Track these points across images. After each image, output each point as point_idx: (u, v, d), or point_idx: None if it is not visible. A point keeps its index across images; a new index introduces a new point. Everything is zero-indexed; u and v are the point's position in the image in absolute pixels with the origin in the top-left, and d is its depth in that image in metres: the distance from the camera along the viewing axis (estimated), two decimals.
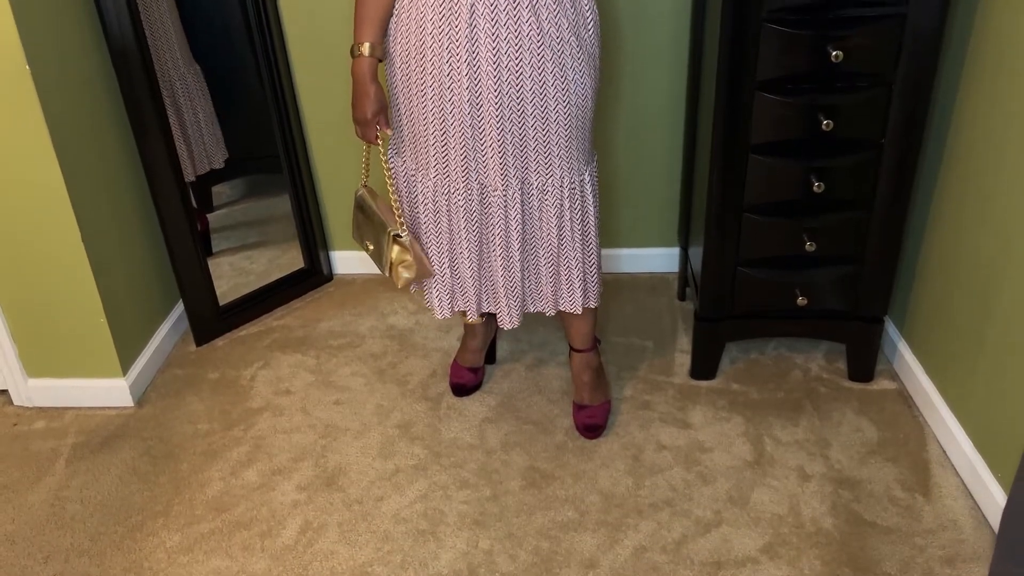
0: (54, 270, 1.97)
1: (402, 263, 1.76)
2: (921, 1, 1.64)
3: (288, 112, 2.36)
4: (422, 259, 1.78)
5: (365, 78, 1.67)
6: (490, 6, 1.55)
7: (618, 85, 2.33)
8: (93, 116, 1.99)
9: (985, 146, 1.70)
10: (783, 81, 1.75)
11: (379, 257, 1.82)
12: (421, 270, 1.78)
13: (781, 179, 1.85)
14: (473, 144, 1.66)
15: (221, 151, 2.40)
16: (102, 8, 1.93)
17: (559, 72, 1.62)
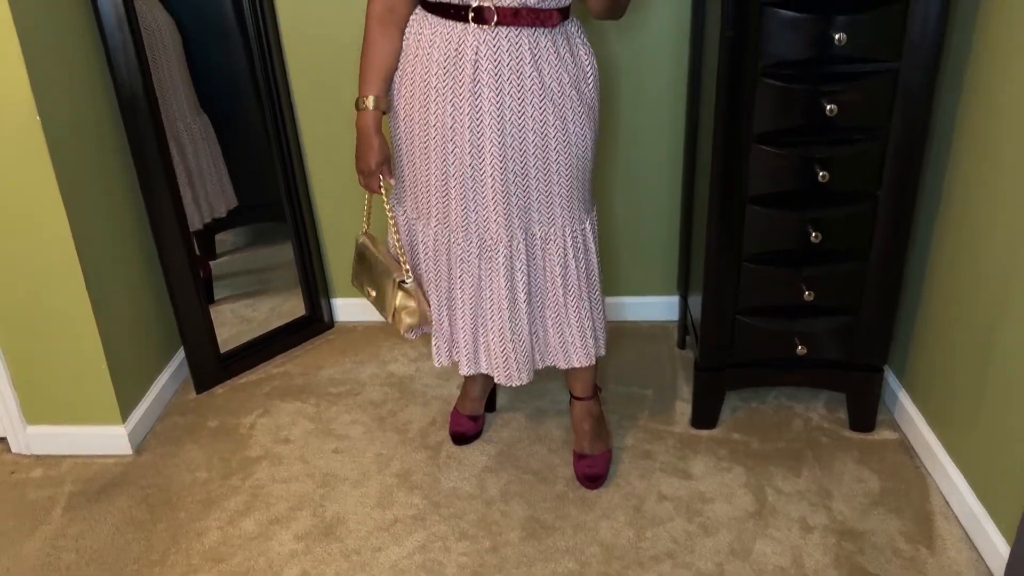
0: (57, 317, 1.98)
1: (405, 309, 1.77)
2: (912, 58, 1.68)
3: (292, 161, 2.39)
4: (424, 306, 1.79)
5: (369, 130, 1.71)
6: (493, 62, 1.59)
7: (617, 136, 2.37)
8: (100, 165, 2.02)
9: (979, 199, 1.72)
10: (779, 134, 1.78)
11: (382, 303, 1.83)
12: (423, 316, 1.80)
13: (779, 229, 1.87)
14: (473, 196, 1.68)
15: (227, 200, 2.43)
16: (112, 59, 1.98)
17: (561, 125, 1.65)
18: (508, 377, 1.81)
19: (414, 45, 1.66)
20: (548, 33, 1.60)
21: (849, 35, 1.65)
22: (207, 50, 2.30)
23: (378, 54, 1.68)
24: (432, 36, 1.62)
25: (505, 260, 1.72)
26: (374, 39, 1.68)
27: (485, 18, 1.56)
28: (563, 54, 1.63)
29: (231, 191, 2.44)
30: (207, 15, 2.28)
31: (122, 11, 1.95)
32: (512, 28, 1.57)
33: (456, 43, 1.59)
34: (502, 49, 1.58)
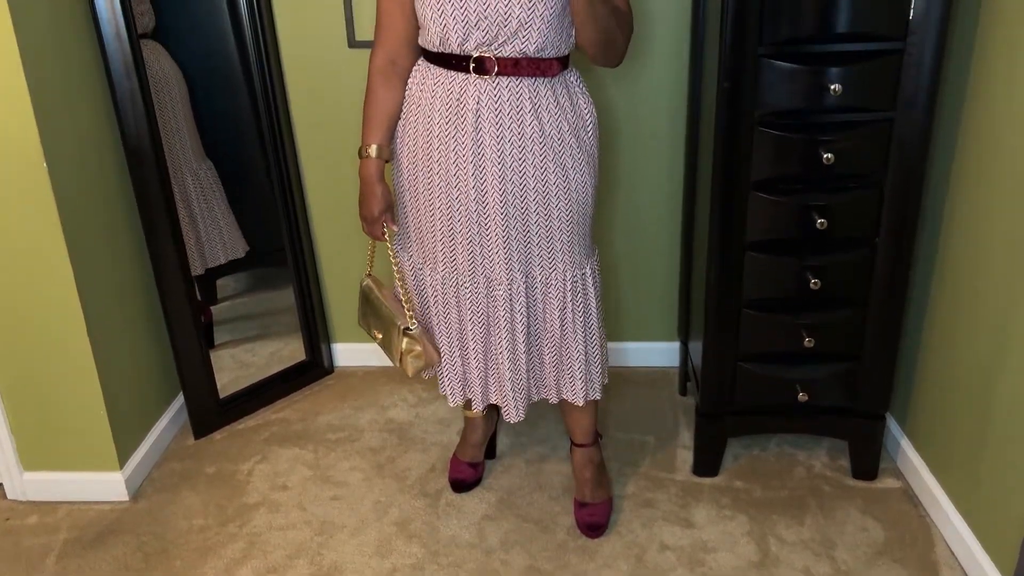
0: (58, 362, 1.98)
1: (411, 353, 1.78)
2: (907, 107, 1.71)
3: (295, 206, 2.41)
4: (430, 350, 1.81)
5: (372, 178, 1.74)
6: (494, 111, 1.61)
7: (617, 182, 2.40)
8: (105, 211, 2.04)
9: (976, 246, 1.73)
10: (777, 181, 1.80)
11: (388, 347, 1.84)
12: (430, 359, 1.81)
13: (778, 276, 1.88)
14: (479, 240, 1.70)
15: (230, 245, 2.45)
16: (119, 108, 2.01)
17: (561, 172, 1.67)
18: (507, 413, 1.84)
19: (417, 95, 1.69)
20: (548, 83, 1.63)
21: (844, 86, 1.68)
22: (212, 98, 2.34)
23: (381, 104, 1.72)
24: (434, 86, 1.65)
25: (505, 300, 1.73)
26: (377, 90, 1.72)
27: (486, 69, 1.60)
28: (563, 103, 1.66)
29: (238, 236, 2.46)
30: (213, 64, 2.33)
31: (130, 60, 1.98)
32: (512, 78, 1.60)
33: (458, 93, 1.62)
34: (503, 99, 1.61)
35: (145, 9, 2.10)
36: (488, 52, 1.58)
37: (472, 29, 1.56)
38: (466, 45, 1.58)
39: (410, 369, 1.79)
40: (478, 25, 1.56)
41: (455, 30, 1.57)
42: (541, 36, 1.57)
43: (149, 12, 2.12)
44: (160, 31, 2.16)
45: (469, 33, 1.57)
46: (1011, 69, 1.59)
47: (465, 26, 1.56)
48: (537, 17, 1.55)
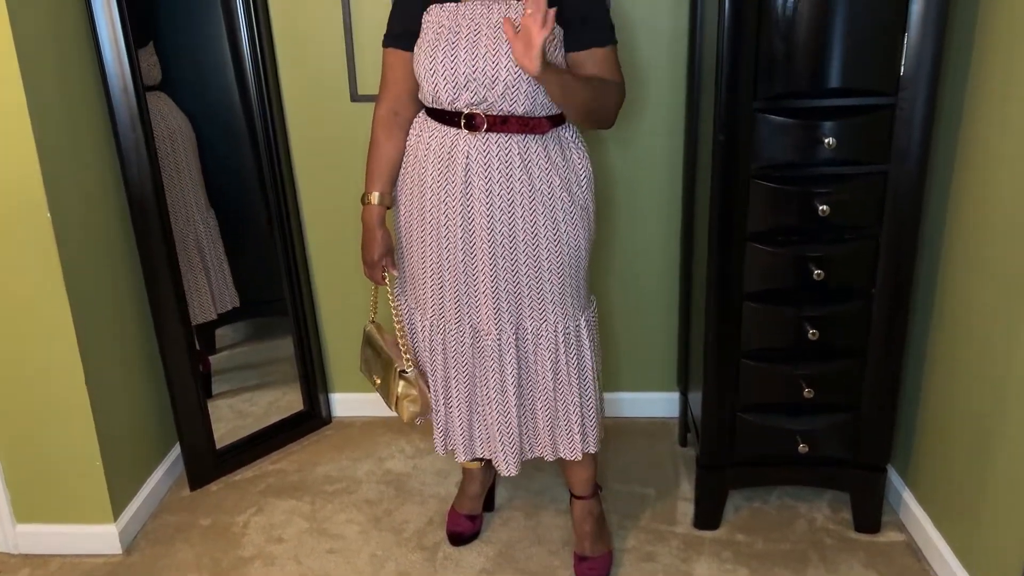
0: (55, 412, 1.97)
1: (407, 397, 1.80)
2: (900, 161, 1.74)
3: (295, 256, 2.43)
4: (426, 394, 1.81)
5: (373, 224, 1.79)
6: (483, 165, 1.65)
7: (614, 233, 2.42)
8: (107, 262, 2.05)
9: (972, 296, 1.74)
10: (773, 233, 1.82)
11: (386, 391, 1.86)
12: (425, 405, 1.82)
13: (776, 326, 1.88)
14: (467, 289, 1.72)
15: (232, 295, 2.46)
16: (124, 158, 2.04)
17: (551, 225, 1.69)
18: (499, 466, 1.83)
19: (414, 146, 1.74)
20: (539, 139, 1.66)
21: (838, 139, 1.71)
22: (216, 149, 2.38)
23: (383, 153, 1.77)
24: (429, 139, 1.70)
25: (494, 352, 1.74)
26: (379, 139, 1.77)
27: (476, 125, 1.63)
28: (554, 158, 1.68)
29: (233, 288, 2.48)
30: (218, 116, 2.36)
31: (136, 112, 2.02)
32: (502, 135, 1.64)
33: (449, 147, 1.66)
34: (492, 154, 1.64)
35: (153, 62, 2.15)
36: (478, 109, 1.62)
37: (461, 90, 1.61)
38: (456, 103, 1.63)
39: (405, 414, 1.81)
40: (467, 86, 1.60)
41: (445, 90, 1.62)
42: (528, 99, 1.61)
43: (156, 65, 2.17)
44: (167, 83, 2.21)
45: (459, 93, 1.62)
46: (1003, 122, 1.62)
47: (455, 87, 1.61)
48: (524, 81, 1.59)
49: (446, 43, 1.60)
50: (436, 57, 1.61)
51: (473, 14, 1.60)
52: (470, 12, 1.61)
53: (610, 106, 1.68)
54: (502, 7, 1.60)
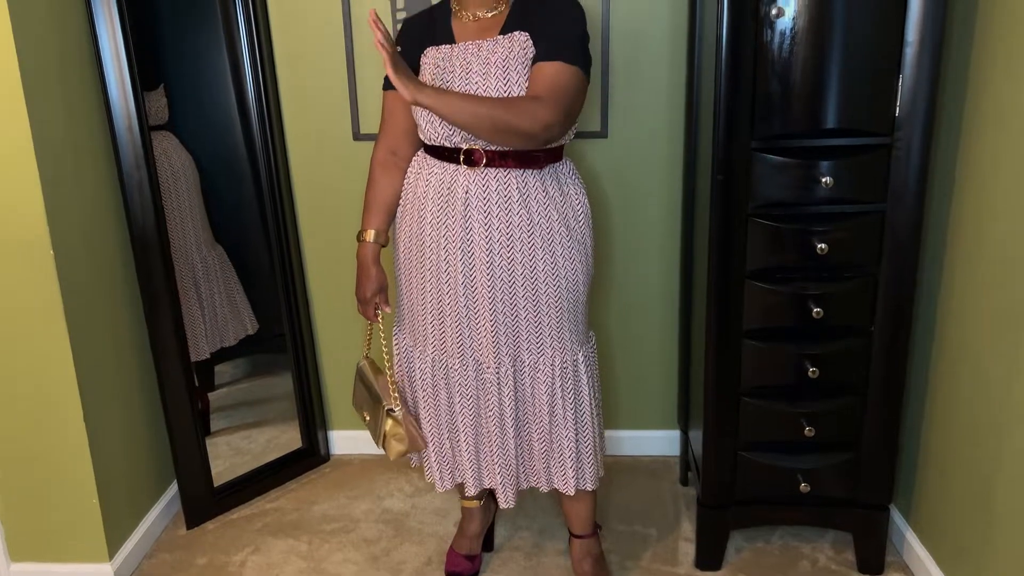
0: (51, 448, 1.96)
1: (395, 436, 1.81)
2: (897, 200, 1.75)
3: (296, 293, 2.44)
4: (413, 434, 1.82)
5: (368, 261, 1.81)
6: (483, 200, 1.67)
7: (612, 270, 2.43)
8: (108, 298, 2.06)
9: (972, 334, 1.75)
10: (772, 271, 1.83)
11: (375, 429, 1.86)
12: (413, 444, 1.82)
13: (776, 364, 1.88)
14: (468, 322, 1.73)
15: (233, 330, 2.47)
16: (127, 197, 2.05)
17: (549, 259, 1.71)
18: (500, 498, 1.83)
19: (413, 183, 1.76)
20: (536, 174, 1.69)
21: (835, 179, 1.73)
22: (219, 186, 2.40)
23: (380, 191, 1.80)
24: (428, 176, 1.72)
25: (493, 383, 1.74)
26: (377, 178, 1.80)
27: (475, 160, 1.66)
28: (552, 193, 1.70)
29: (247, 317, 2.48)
30: (221, 154, 2.39)
31: (140, 152, 2.04)
32: (500, 170, 1.66)
33: (449, 182, 1.68)
34: (491, 188, 1.67)
35: (163, 103, 2.18)
36: (477, 145, 1.65)
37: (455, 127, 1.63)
38: (454, 139, 1.67)
39: (392, 452, 1.82)
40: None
41: (442, 126, 1.66)
42: None
43: (165, 106, 2.20)
44: (174, 122, 2.24)
45: (454, 130, 1.65)
46: (997, 160, 1.64)
47: (452, 128, 1.63)
48: None
49: (441, 82, 1.64)
50: None
51: (465, 54, 1.65)
52: (462, 52, 1.65)
53: (521, 120, 1.54)
54: (490, 45, 1.64)
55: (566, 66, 1.59)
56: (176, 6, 2.27)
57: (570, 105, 1.59)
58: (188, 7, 2.28)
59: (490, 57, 1.61)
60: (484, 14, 1.68)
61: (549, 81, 1.57)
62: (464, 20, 1.70)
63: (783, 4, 1.65)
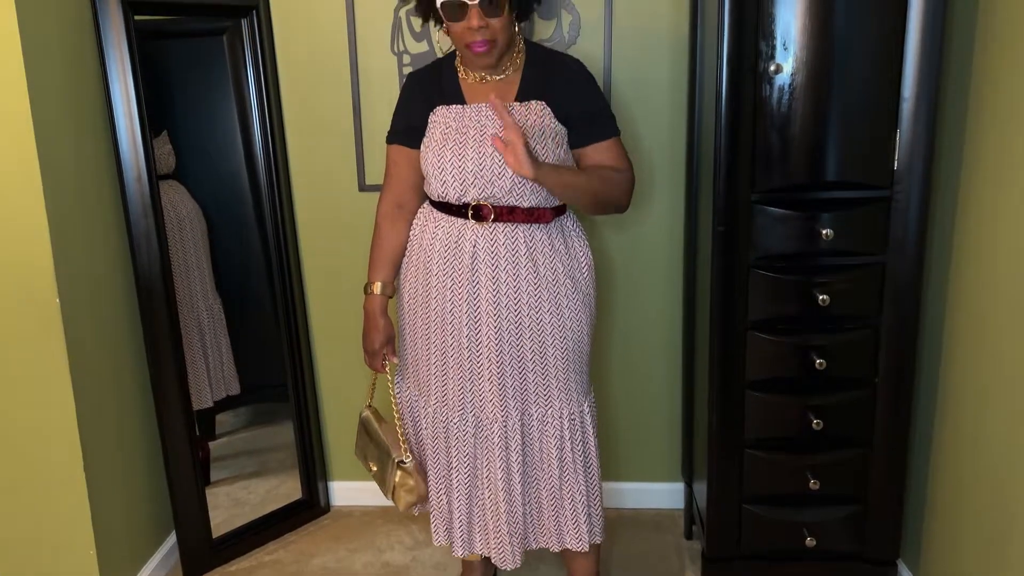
0: (51, 497, 1.94)
1: (404, 487, 1.80)
2: (898, 251, 1.76)
3: (299, 342, 2.44)
4: (423, 485, 1.82)
5: (375, 312, 1.81)
6: (490, 252, 1.68)
7: (614, 322, 2.43)
8: (112, 346, 2.06)
9: (976, 386, 1.74)
10: (774, 322, 1.83)
11: (382, 479, 1.85)
12: (422, 495, 1.81)
13: (779, 416, 1.87)
14: (471, 377, 1.72)
15: (230, 383, 2.46)
16: (134, 245, 2.07)
17: (555, 311, 1.72)
18: (503, 559, 1.79)
19: (419, 236, 1.77)
20: (543, 228, 1.70)
21: (835, 231, 1.74)
22: (225, 235, 2.42)
23: (386, 244, 1.81)
24: (435, 229, 1.73)
25: (500, 439, 1.73)
26: (383, 230, 1.81)
27: (483, 215, 1.68)
28: (558, 246, 1.72)
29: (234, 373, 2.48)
30: (228, 203, 2.42)
31: (148, 201, 2.06)
32: (508, 224, 1.68)
33: (456, 237, 1.70)
34: (498, 243, 1.68)
35: (168, 150, 2.21)
36: (485, 201, 1.67)
37: (469, 186, 1.66)
38: (464, 198, 1.68)
39: (401, 503, 1.80)
40: (475, 182, 1.65)
41: (453, 186, 1.67)
42: (535, 193, 1.67)
43: (171, 153, 2.23)
44: (180, 171, 2.27)
45: (467, 189, 1.67)
46: (996, 212, 1.66)
47: (463, 183, 1.66)
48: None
49: (454, 142, 1.66)
50: (444, 155, 1.66)
51: (479, 115, 1.67)
52: (476, 113, 1.67)
53: (619, 193, 1.74)
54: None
55: (617, 139, 1.75)
56: (186, 56, 2.32)
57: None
58: (198, 57, 2.33)
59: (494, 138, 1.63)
60: (492, 76, 1.71)
61: (615, 155, 1.74)
62: (471, 81, 1.72)
63: (781, 60, 1.69)
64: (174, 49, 2.30)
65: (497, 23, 1.60)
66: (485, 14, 1.58)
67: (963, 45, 1.77)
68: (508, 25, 1.63)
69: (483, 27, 1.58)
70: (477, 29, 1.58)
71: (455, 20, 1.60)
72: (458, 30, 1.61)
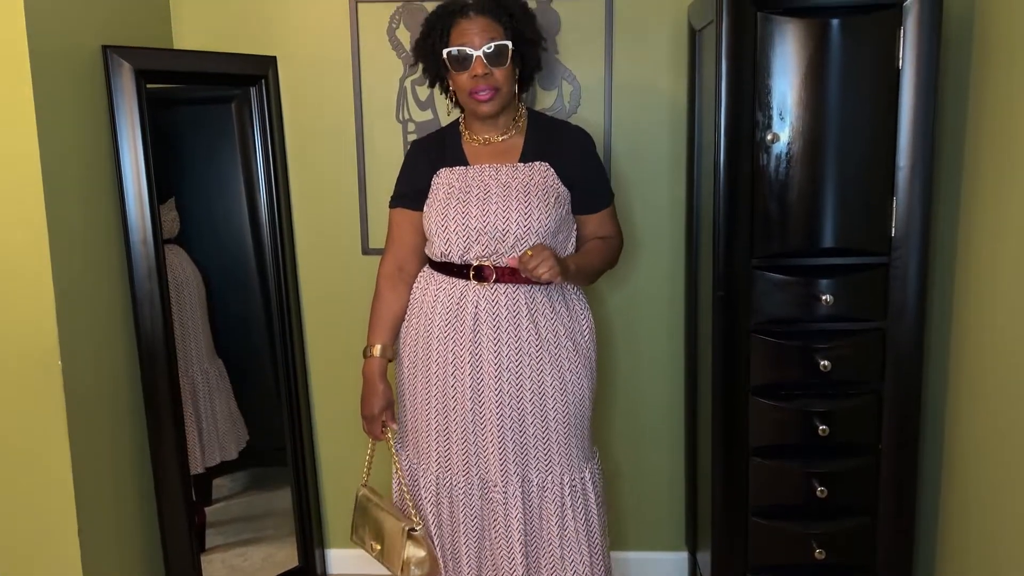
0: (45, 564, 1.90)
1: (414, 559, 1.74)
2: (897, 317, 1.77)
3: (299, 407, 2.42)
4: (435, 554, 1.76)
5: (374, 377, 1.80)
6: (492, 315, 1.69)
7: (615, 387, 2.42)
8: (112, 409, 2.05)
9: (980, 452, 1.72)
10: (776, 387, 1.83)
11: (390, 556, 1.79)
12: (434, 565, 1.75)
13: (783, 483, 1.85)
14: (475, 439, 1.71)
15: (233, 444, 2.44)
16: (137, 309, 2.08)
17: (557, 374, 1.71)
18: None
19: (420, 299, 1.78)
20: (544, 290, 1.72)
21: (835, 296, 1.75)
22: (226, 298, 2.43)
23: (386, 306, 1.82)
24: (437, 291, 1.75)
25: (501, 504, 1.70)
26: (383, 294, 1.82)
27: (485, 276, 1.69)
28: (558, 308, 1.73)
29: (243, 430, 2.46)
30: (231, 266, 2.43)
31: (153, 265, 2.08)
32: (510, 285, 1.69)
33: (458, 298, 1.71)
34: (500, 304, 1.69)
35: (173, 216, 2.24)
36: (488, 261, 1.68)
37: (472, 243, 1.68)
38: (467, 256, 1.70)
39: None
40: (478, 240, 1.68)
41: (457, 244, 1.69)
42: None
43: (176, 219, 2.26)
44: (183, 235, 2.29)
45: (470, 246, 1.69)
46: (994, 278, 1.67)
47: (466, 240, 1.68)
48: (532, 233, 1.67)
49: (458, 201, 1.69)
50: (448, 214, 1.69)
51: (482, 175, 1.71)
52: (479, 174, 1.71)
53: (613, 260, 1.83)
54: (509, 170, 1.70)
55: (612, 207, 1.86)
56: (194, 121, 2.37)
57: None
58: (206, 123, 2.38)
59: (511, 182, 1.69)
60: (496, 138, 1.76)
61: (609, 222, 1.85)
62: (475, 143, 1.77)
63: (778, 130, 1.72)
64: (183, 115, 2.35)
65: (500, 73, 1.68)
66: (489, 63, 1.66)
67: (957, 113, 1.81)
68: (510, 77, 1.71)
69: (487, 74, 1.66)
70: (482, 76, 1.66)
71: (461, 70, 1.68)
72: (463, 80, 1.68)
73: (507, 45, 1.67)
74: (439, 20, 1.72)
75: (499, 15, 1.68)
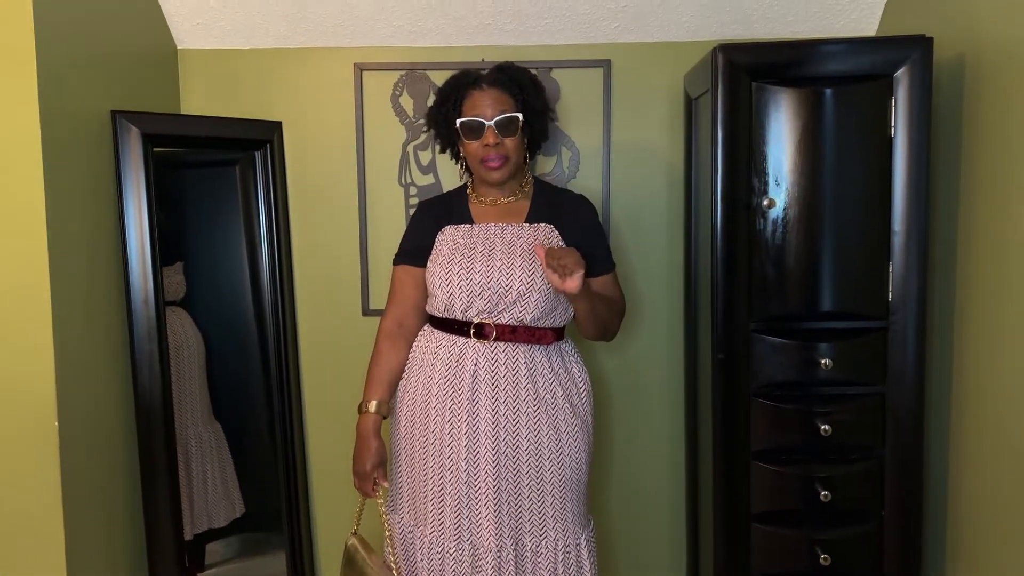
0: None
1: None
2: (897, 381, 1.77)
3: (295, 470, 2.40)
4: None
5: (368, 432, 1.79)
6: (490, 373, 1.69)
7: (612, 452, 2.40)
8: (107, 472, 2.02)
9: (983, 521, 1.70)
10: (777, 452, 1.81)
11: None
12: None
13: (786, 550, 1.82)
14: (468, 502, 1.69)
15: (226, 510, 2.40)
16: (137, 370, 2.07)
17: (554, 435, 1.71)
18: None
19: (419, 356, 1.79)
20: (543, 350, 1.73)
21: (834, 360, 1.76)
22: (226, 360, 2.42)
23: (384, 364, 1.83)
24: (436, 348, 1.75)
25: (495, 570, 1.67)
26: (382, 350, 1.83)
27: (485, 334, 1.70)
28: (557, 369, 1.74)
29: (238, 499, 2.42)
30: (231, 328, 2.44)
31: (154, 326, 2.08)
32: (510, 344, 1.70)
33: (457, 356, 1.72)
34: (499, 362, 1.70)
35: (179, 280, 2.25)
36: (488, 319, 1.70)
37: (475, 298, 1.69)
38: (468, 312, 1.71)
39: None
40: (481, 295, 1.69)
41: (459, 298, 1.71)
42: (538, 307, 1.70)
43: (182, 283, 2.27)
44: (189, 298, 2.30)
45: (472, 302, 1.70)
46: (993, 343, 1.67)
47: (469, 295, 1.70)
48: (535, 290, 1.69)
49: (462, 257, 1.72)
50: (452, 269, 1.72)
51: (487, 233, 1.74)
52: (483, 232, 1.75)
53: (617, 319, 1.83)
54: (515, 230, 1.73)
55: (614, 274, 1.87)
56: (198, 184, 2.40)
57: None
58: (210, 185, 2.40)
59: (515, 241, 1.72)
60: (503, 200, 1.79)
61: (612, 288, 1.85)
62: (482, 204, 1.81)
63: (774, 195, 1.75)
64: (187, 177, 2.38)
65: (510, 142, 1.73)
66: (500, 133, 1.71)
67: (950, 178, 1.84)
68: (520, 146, 1.76)
69: (498, 144, 1.71)
70: (493, 146, 1.71)
71: (473, 138, 1.73)
72: (474, 148, 1.74)
73: (518, 116, 1.73)
74: (453, 90, 1.77)
75: (510, 87, 1.74)
